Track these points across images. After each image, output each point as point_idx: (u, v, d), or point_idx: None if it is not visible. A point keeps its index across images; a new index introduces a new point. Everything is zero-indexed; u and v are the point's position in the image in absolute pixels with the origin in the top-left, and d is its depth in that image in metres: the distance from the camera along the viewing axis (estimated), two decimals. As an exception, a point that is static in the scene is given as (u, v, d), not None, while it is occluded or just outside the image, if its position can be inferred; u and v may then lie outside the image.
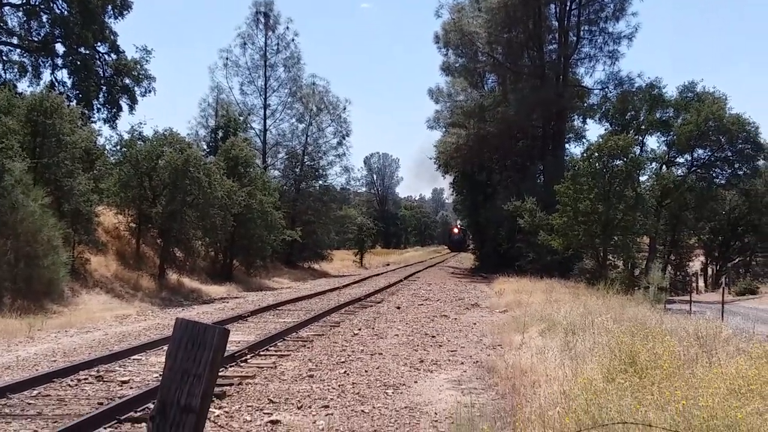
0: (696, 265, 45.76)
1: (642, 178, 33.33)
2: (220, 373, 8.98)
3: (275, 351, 12.17)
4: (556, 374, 7.79)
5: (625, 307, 14.48)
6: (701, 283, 41.34)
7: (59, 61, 39.04)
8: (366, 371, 10.29)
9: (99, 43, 39.29)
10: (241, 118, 44.22)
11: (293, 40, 50.17)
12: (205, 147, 39.98)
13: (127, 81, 40.45)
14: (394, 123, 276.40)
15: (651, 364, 7.10)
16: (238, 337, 13.32)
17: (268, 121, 50.28)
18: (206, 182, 25.80)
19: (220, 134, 40.36)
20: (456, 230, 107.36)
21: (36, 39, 38.15)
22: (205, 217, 26.45)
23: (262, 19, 49.37)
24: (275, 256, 39.43)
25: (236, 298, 25.28)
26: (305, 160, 50.66)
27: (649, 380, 6.58)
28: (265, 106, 49.99)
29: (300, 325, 15.36)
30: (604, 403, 5.67)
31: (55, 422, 7.12)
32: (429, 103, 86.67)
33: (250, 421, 7.39)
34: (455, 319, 18.01)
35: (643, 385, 6.42)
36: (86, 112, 32.23)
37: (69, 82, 39.20)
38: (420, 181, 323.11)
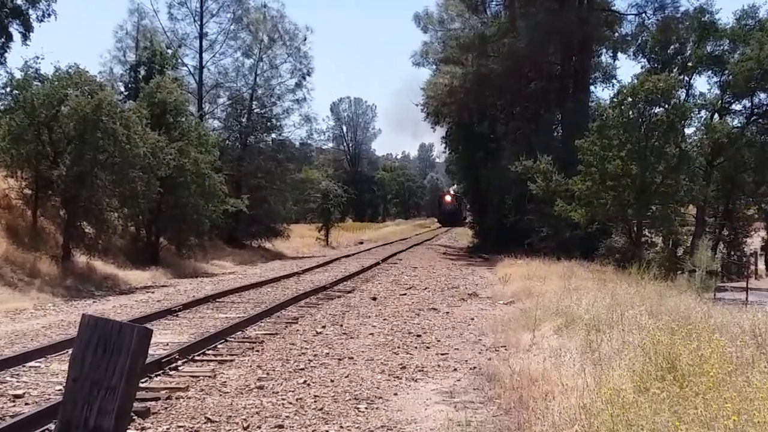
0: (755, 242, 46.17)
1: (688, 131, 33.50)
2: (142, 385, 8.97)
3: (214, 355, 12.22)
4: (575, 383, 7.89)
5: (663, 297, 14.66)
6: (761, 266, 41.75)
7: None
8: (332, 381, 10.37)
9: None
10: (170, 51, 43.62)
11: (236, -55, 49.62)
12: (122, 89, 39.66)
13: (19, 1, 39.85)
14: (369, 59, 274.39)
15: (695, 370, 7.20)
16: (167, 338, 13.35)
17: (206, 56, 49.80)
18: (124, 135, 25.56)
19: (142, 72, 39.85)
20: (449, 198, 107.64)
21: None
22: (122, 181, 26.25)
23: None
24: (215, 233, 39.38)
25: (164, 286, 25.26)
26: (254, 106, 50.33)
27: (692, 390, 6.68)
28: (201, 35, 49.43)
29: (247, 321, 15.40)
30: (634, 420, 5.76)
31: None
32: (415, 33, 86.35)
33: (183, 445, 7.43)
34: (447, 313, 18.15)
35: (685, 396, 6.52)
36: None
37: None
38: (403, 134, 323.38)
